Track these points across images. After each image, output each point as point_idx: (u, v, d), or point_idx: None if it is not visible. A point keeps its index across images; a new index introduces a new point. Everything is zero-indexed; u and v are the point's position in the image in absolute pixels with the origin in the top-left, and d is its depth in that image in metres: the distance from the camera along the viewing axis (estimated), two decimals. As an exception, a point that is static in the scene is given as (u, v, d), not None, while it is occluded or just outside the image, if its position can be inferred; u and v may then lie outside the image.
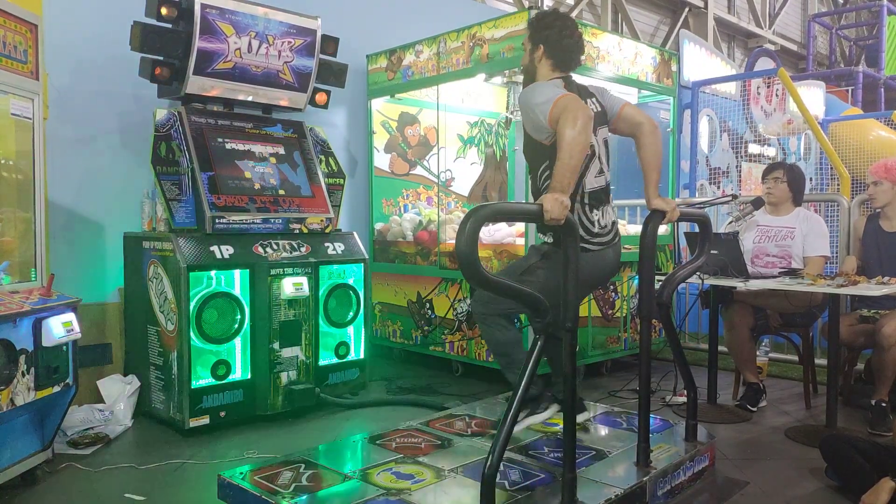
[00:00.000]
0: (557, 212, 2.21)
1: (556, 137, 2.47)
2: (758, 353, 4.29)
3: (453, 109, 5.24)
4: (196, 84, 3.66)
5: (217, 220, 3.52)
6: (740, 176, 6.90)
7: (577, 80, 2.85)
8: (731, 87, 7.03)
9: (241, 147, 3.83)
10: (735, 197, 4.13)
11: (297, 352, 3.69)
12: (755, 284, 3.59)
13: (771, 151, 7.33)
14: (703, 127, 6.55)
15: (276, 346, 3.60)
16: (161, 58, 3.59)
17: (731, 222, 4.13)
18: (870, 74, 14.51)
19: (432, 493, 2.40)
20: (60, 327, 2.74)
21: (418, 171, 5.48)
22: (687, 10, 12.97)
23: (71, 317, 2.81)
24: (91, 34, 3.86)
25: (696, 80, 6.50)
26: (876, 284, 3.28)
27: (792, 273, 3.62)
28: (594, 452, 2.77)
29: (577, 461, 2.33)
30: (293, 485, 2.42)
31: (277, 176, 3.88)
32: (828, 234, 3.98)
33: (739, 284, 3.60)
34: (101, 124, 3.99)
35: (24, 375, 2.62)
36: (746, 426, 3.66)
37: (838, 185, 5.59)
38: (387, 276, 5.02)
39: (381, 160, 5.26)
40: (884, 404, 3.53)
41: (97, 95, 3.95)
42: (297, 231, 3.82)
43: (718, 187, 6.60)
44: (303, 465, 2.59)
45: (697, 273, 3.36)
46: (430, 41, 4.68)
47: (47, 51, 3.10)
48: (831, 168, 6.48)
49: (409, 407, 3.85)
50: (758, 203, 4.04)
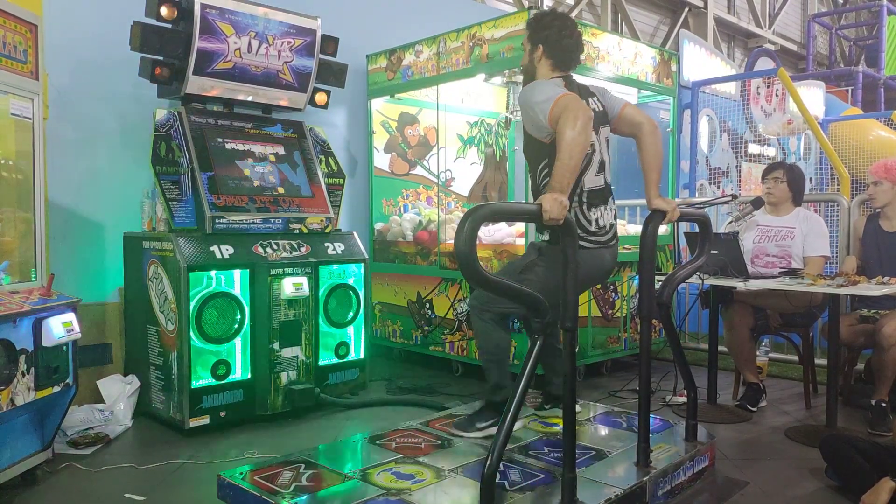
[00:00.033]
0: (556, 212, 2.22)
1: (555, 136, 2.47)
2: (758, 353, 4.29)
3: (453, 109, 5.24)
4: (196, 84, 3.66)
5: (217, 220, 3.52)
6: (740, 176, 6.89)
7: (577, 79, 2.85)
8: (731, 87, 7.02)
9: (240, 147, 3.83)
10: (735, 197, 4.13)
11: (297, 352, 3.69)
12: (755, 284, 3.59)
13: (771, 151, 7.32)
14: (703, 127, 6.54)
15: (276, 346, 3.60)
16: (161, 58, 3.59)
17: (731, 222, 4.13)
18: (870, 74, 14.51)
19: (432, 493, 2.40)
20: (60, 327, 2.74)
21: (418, 171, 5.48)
22: (687, 10, 12.97)
23: (71, 317, 2.81)
24: (91, 34, 3.86)
25: (695, 80, 6.50)
26: (876, 284, 3.27)
27: (792, 273, 3.62)
28: (594, 452, 2.76)
29: (576, 461, 2.32)
30: (293, 485, 2.41)
31: (277, 176, 3.88)
32: (828, 234, 3.98)
33: (739, 284, 3.60)
34: (101, 124, 3.99)
35: (24, 375, 2.62)
36: (746, 426, 3.66)
37: (838, 185, 5.59)
38: (387, 276, 5.02)
39: (381, 160, 5.26)
40: (884, 404, 3.53)
41: (97, 95, 3.95)
42: (297, 231, 3.83)
43: (718, 187, 6.60)
44: (303, 465, 2.59)
45: (697, 273, 3.36)
46: (429, 41, 4.68)
47: (47, 51, 3.10)
48: (831, 168, 6.48)
49: (409, 407, 3.85)
50: (758, 203, 4.04)
